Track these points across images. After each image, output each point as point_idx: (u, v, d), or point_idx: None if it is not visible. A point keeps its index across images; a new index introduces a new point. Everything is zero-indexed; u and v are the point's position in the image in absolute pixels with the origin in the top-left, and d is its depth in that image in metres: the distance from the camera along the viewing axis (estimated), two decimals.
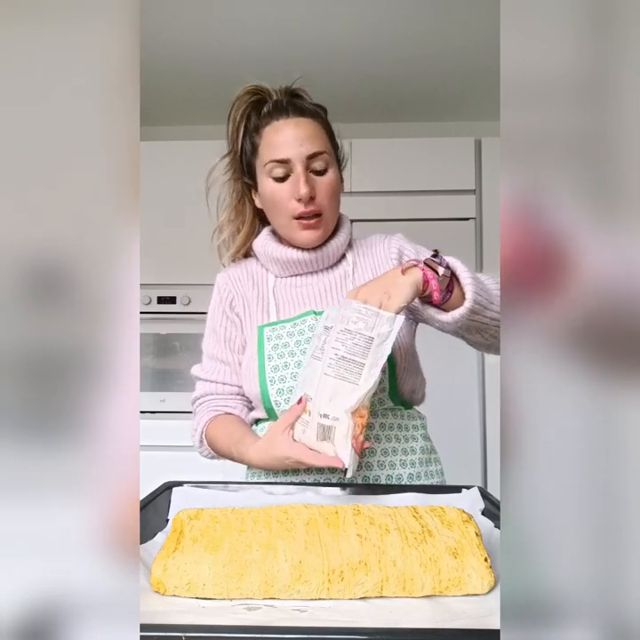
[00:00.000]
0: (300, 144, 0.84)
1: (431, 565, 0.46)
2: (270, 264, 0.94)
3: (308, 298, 0.92)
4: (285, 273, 0.94)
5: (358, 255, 0.95)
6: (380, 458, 0.84)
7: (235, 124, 0.91)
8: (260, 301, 0.94)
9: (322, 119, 0.90)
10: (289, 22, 1.99)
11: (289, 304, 0.92)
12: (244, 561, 0.46)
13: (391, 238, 0.95)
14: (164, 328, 2.39)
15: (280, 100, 0.88)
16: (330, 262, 0.93)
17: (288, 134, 0.85)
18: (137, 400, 0.38)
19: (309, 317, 0.88)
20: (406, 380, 0.87)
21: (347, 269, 0.94)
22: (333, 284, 0.93)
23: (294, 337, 0.87)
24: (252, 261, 0.98)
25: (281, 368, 0.85)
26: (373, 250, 0.95)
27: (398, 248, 0.93)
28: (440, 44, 2.11)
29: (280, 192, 0.86)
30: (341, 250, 0.93)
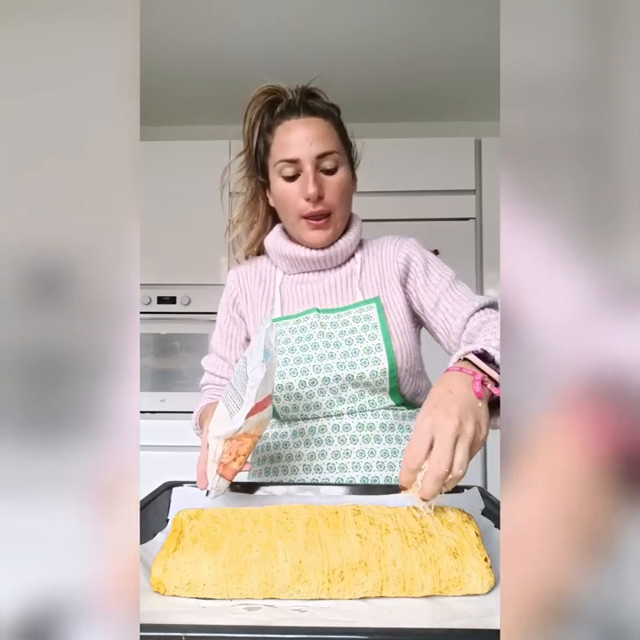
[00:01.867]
0: (310, 143, 0.85)
1: (431, 565, 0.46)
2: (279, 260, 0.95)
3: (312, 295, 0.93)
4: (294, 270, 0.95)
5: (368, 255, 0.96)
6: (379, 459, 0.84)
7: (250, 123, 0.92)
8: (266, 298, 0.95)
9: (334, 118, 0.91)
10: (289, 22, 1.99)
11: (294, 301, 0.93)
12: (244, 561, 0.46)
13: (403, 242, 0.95)
14: (164, 328, 2.39)
15: (293, 99, 0.89)
16: (338, 261, 0.94)
17: (298, 134, 0.86)
18: (137, 400, 0.38)
19: (312, 315, 0.88)
20: (408, 382, 0.87)
21: (354, 268, 0.94)
22: (339, 281, 0.93)
23: (296, 333, 0.87)
24: (263, 259, 1.01)
25: (281, 364, 0.85)
26: (383, 251, 0.95)
27: (407, 254, 0.93)
28: (440, 44, 2.11)
29: (290, 191, 0.87)
30: (350, 249, 0.94)
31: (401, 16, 1.96)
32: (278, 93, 0.90)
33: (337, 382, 0.84)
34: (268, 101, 0.90)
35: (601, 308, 0.35)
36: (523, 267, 0.38)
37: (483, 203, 2.36)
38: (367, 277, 0.92)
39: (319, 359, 0.84)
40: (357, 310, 0.88)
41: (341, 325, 0.87)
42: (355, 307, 0.89)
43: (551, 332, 0.36)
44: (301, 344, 0.86)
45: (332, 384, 0.84)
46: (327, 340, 0.86)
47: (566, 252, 0.36)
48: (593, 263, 0.36)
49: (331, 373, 0.84)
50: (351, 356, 0.83)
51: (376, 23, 1.99)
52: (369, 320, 0.86)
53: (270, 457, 0.88)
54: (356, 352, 0.84)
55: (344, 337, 0.85)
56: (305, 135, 0.86)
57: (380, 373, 0.82)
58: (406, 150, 2.39)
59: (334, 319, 0.88)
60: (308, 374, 0.85)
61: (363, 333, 0.85)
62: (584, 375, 0.34)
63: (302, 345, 0.86)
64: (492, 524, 0.58)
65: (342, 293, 0.92)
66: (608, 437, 0.33)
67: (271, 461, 0.88)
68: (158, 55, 2.17)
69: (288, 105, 0.89)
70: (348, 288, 0.92)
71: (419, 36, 2.07)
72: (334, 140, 0.88)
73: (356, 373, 0.83)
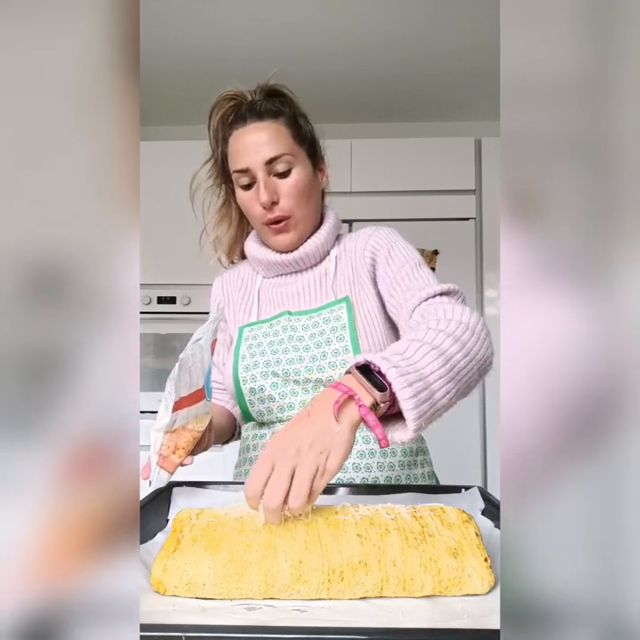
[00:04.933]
0: (257, 151, 0.84)
1: (431, 565, 0.46)
2: (256, 265, 0.96)
3: (286, 298, 0.92)
4: (270, 273, 0.95)
5: (344, 251, 0.93)
6: (355, 460, 0.82)
7: (214, 132, 0.91)
8: (245, 302, 0.96)
9: (285, 117, 0.87)
10: (289, 22, 1.99)
11: (269, 304, 0.94)
12: (244, 561, 0.46)
13: (373, 234, 0.90)
14: (163, 328, 2.39)
15: (242, 106, 0.87)
16: (311, 262, 0.92)
17: (246, 142, 0.85)
18: (137, 400, 0.38)
19: (283, 318, 0.88)
20: None
21: (328, 267, 0.92)
22: (312, 283, 0.92)
23: (269, 337, 0.87)
24: (246, 263, 1.01)
25: (252, 367, 0.86)
26: (356, 245, 0.91)
27: (373, 246, 0.88)
28: (440, 43, 2.11)
29: (248, 200, 0.87)
30: (322, 248, 0.91)
31: (400, 16, 1.96)
32: (238, 97, 0.89)
33: (307, 384, 0.83)
34: (229, 107, 0.89)
35: (596, 342, 0.35)
36: (521, 276, 0.38)
37: (483, 203, 2.36)
38: (341, 275, 0.90)
39: (288, 363, 0.84)
40: (328, 311, 0.86)
41: (312, 328, 0.86)
42: (326, 307, 0.87)
43: (544, 342, 0.36)
44: (272, 348, 0.86)
45: (303, 385, 0.84)
46: (297, 343, 0.85)
47: (564, 262, 0.36)
48: (590, 276, 0.36)
49: (300, 377, 0.83)
50: (319, 360, 0.82)
51: (376, 23, 1.99)
52: (338, 321, 0.84)
53: (250, 458, 0.89)
54: (325, 355, 0.82)
55: (313, 340, 0.84)
56: (252, 142, 0.84)
57: None
58: (406, 150, 2.39)
59: (306, 321, 0.87)
60: (278, 377, 0.84)
61: (331, 335, 0.83)
62: (570, 388, 0.35)
63: (273, 349, 0.86)
64: (492, 523, 0.58)
65: (316, 294, 0.91)
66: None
67: (251, 463, 0.88)
68: (158, 55, 2.18)
69: (237, 113, 0.87)
70: (321, 289, 0.91)
71: (418, 35, 2.07)
72: (284, 141, 0.85)
73: (325, 377, 0.81)
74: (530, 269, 0.38)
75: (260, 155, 0.84)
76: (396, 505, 0.55)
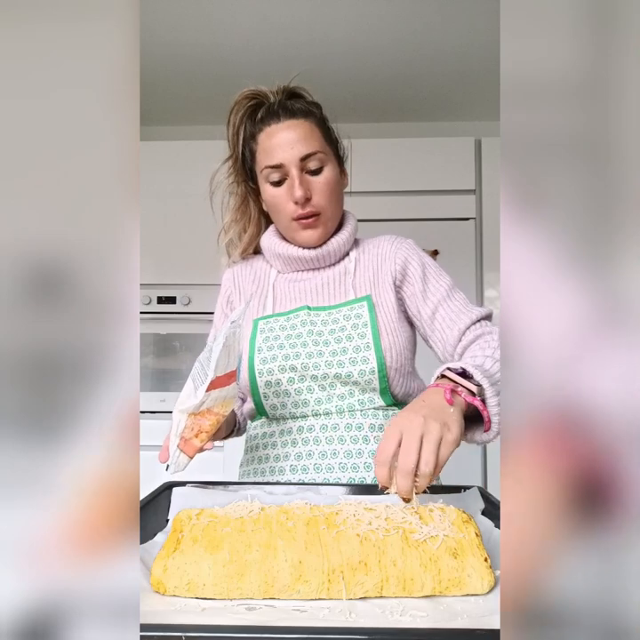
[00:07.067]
0: (292, 147, 0.86)
1: (431, 565, 0.46)
2: (273, 260, 0.96)
3: (304, 293, 0.93)
4: (287, 269, 0.96)
5: (363, 253, 0.95)
6: (366, 460, 0.83)
7: (234, 129, 0.93)
8: (258, 295, 0.96)
9: (315, 118, 0.90)
10: (289, 22, 1.99)
11: (286, 298, 0.94)
12: (244, 561, 0.46)
13: (401, 243, 0.94)
14: (163, 328, 2.39)
15: (273, 103, 0.89)
16: (331, 260, 0.94)
17: (280, 139, 0.86)
18: (137, 400, 0.38)
19: (302, 312, 0.89)
20: (399, 382, 0.86)
21: (348, 267, 0.94)
22: (331, 280, 0.93)
23: (286, 330, 0.88)
24: (260, 258, 1.01)
25: (269, 360, 0.86)
26: (379, 250, 0.95)
27: (405, 257, 0.92)
28: (440, 44, 2.11)
29: (278, 196, 0.89)
30: (343, 248, 0.94)
31: (401, 16, 1.96)
32: (260, 97, 0.90)
33: (325, 380, 0.84)
34: (250, 106, 0.91)
35: (591, 332, 0.35)
36: (521, 276, 0.38)
37: (483, 203, 2.36)
38: (361, 276, 0.92)
39: (307, 357, 0.85)
40: (348, 309, 0.88)
41: (332, 323, 0.87)
42: (346, 305, 0.89)
43: (540, 347, 0.36)
44: (290, 341, 0.86)
45: (320, 382, 0.84)
46: (316, 338, 0.86)
47: (564, 262, 0.36)
48: (590, 278, 0.36)
49: (319, 372, 0.84)
50: (339, 355, 0.84)
51: (376, 23, 1.99)
52: (359, 318, 0.86)
53: (259, 457, 0.89)
54: (345, 351, 0.84)
55: (333, 335, 0.86)
56: (287, 139, 0.86)
57: (368, 372, 0.82)
58: (406, 150, 2.39)
59: (325, 317, 0.88)
60: (296, 371, 0.85)
61: (352, 332, 0.85)
62: (560, 396, 0.35)
63: (291, 342, 0.86)
64: (492, 523, 0.58)
65: (335, 291, 0.92)
66: (568, 459, 0.34)
67: (259, 462, 0.88)
68: (158, 55, 2.17)
69: (268, 110, 0.89)
70: (340, 286, 0.92)
71: (418, 35, 2.07)
72: (317, 139, 0.88)
73: (344, 372, 0.83)
74: (530, 269, 0.38)
75: (296, 151, 0.86)
76: (396, 505, 0.55)
